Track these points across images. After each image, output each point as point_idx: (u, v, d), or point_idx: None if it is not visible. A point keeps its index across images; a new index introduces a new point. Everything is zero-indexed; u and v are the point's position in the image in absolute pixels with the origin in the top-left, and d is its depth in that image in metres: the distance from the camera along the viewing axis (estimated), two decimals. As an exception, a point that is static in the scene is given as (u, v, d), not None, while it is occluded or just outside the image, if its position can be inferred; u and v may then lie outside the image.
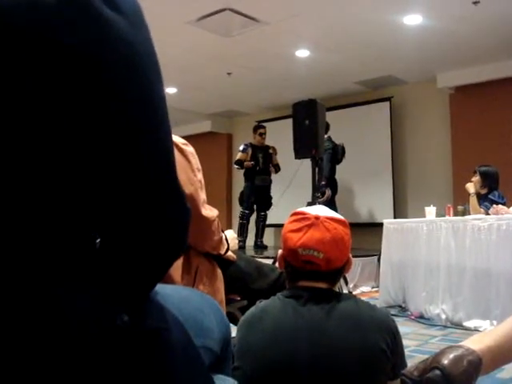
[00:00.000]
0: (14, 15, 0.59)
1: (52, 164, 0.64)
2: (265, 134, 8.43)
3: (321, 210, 1.56)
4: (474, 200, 5.31)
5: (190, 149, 1.85)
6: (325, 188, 7.37)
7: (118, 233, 0.72)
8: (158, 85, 0.72)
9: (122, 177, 0.68)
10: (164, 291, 0.95)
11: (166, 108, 0.73)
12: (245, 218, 8.39)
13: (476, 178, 5.50)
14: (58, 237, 0.67)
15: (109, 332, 0.68)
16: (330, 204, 7.38)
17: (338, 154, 7.87)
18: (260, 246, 8.46)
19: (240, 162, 8.29)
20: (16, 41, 0.60)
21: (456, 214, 5.13)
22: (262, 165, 8.30)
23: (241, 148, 8.40)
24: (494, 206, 4.83)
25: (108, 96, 0.65)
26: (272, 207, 8.41)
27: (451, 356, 1.00)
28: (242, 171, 8.44)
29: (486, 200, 5.31)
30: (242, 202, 8.51)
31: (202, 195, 1.86)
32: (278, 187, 8.34)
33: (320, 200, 6.72)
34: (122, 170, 0.68)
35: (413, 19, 6.16)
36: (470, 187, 5.40)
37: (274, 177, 8.53)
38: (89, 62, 0.63)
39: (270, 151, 8.47)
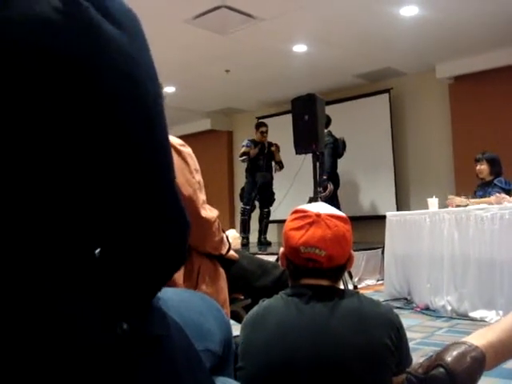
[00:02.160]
0: (20, 30, 0.62)
1: (50, 174, 0.65)
2: (266, 132, 8.40)
3: (322, 208, 1.56)
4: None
5: (187, 150, 1.84)
6: (327, 182, 7.36)
7: (116, 243, 0.72)
8: (157, 94, 0.73)
9: (120, 187, 0.69)
10: (165, 295, 0.95)
11: (165, 119, 0.75)
12: (246, 214, 8.37)
13: (483, 167, 5.46)
14: (57, 246, 0.67)
15: (108, 341, 0.68)
16: (332, 198, 7.38)
17: (339, 148, 7.86)
18: (264, 243, 8.46)
19: (245, 153, 8.25)
20: (20, 54, 0.62)
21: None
22: (263, 161, 8.28)
23: (244, 143, 8.37)
24: (497, 194, 4.82)
25: (105, 107, 0.67)
26: (275, 203, 8.40)
27: (454, 353, 1.00)
28: (245, 167, 8.42)
29: (490, 186, 5.29)
30: (242, 197, 8.50)
31: (202, 196, 1.86)
32: (281, 183, 8.34)
33: (322, 195, 6.71)
34: (120, 179, 0.69)
35: (409, 10, 6.14)
36: (459, 201, 5.19)
37: (276, 172, 8.52)
38: (88, 73, 0.65)
39: (273, 148, 8.45)
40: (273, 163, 8.48)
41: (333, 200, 7.23)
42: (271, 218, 8.60)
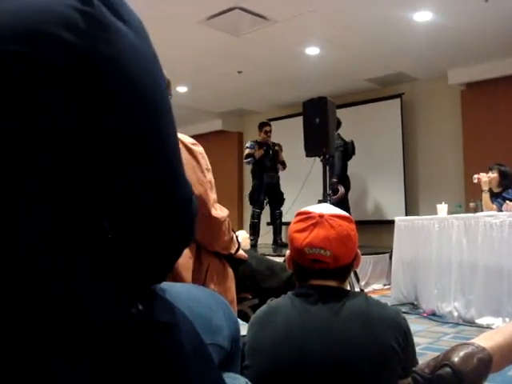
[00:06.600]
0: (38, 27, 0.67)
1: (66, 165, 0.69)
2: (270, 132, 8.31)
3: (325, 208, 1.57)
4: (486, 196, 5.28)
5: (199, 149, 1.85)
6: (337, 185, 7.32)
7: (125, 221, 0.76)
8: (161, 85, 0.79)
9: (129, 164, 0.73)
10: (173, 289, 0.97)
11: (170, 107, 0.80)
12: (256, 217, 8.28)
13: (494, 176, 5.43)
14: (75, 228, 0.70)
15: (123, 320, 0.71)
16: (343, 201, 7.35)
17: (348, 151, 7.83)
18: (280, 245, 8.26)
19: (250, 155, 8.16)
20: (38, 49, 0.67)
21: (468, 210, 5.10)
22: (269, 162, 8.21)
23: (248, 145, 8.29)
24: (508, 202, 4.81)
25: (118, 93, 0.72)
26: (286, 206, 8.28)
27: (461, 353, 1.00)
28: (251, 169, 8.36)
29: (498, 197, 5.27)
30: (252, 200, 8.40)
31: (212, 195, 1.87)
32: (292, 186, 8.30)
33: (334, 197, 6.69)
34: (128, 159, 0.73)
35: (423, 16, 6.13)
36: (485, 184, 5.33)
37: (286, 174, 8.47)
38: (103, 62, 0.70)
39: (276, 148, 8.34)
40: (277, 163, 8.39)
41: (343, 203, 7.20)
42: (283, 220, 8.49)
